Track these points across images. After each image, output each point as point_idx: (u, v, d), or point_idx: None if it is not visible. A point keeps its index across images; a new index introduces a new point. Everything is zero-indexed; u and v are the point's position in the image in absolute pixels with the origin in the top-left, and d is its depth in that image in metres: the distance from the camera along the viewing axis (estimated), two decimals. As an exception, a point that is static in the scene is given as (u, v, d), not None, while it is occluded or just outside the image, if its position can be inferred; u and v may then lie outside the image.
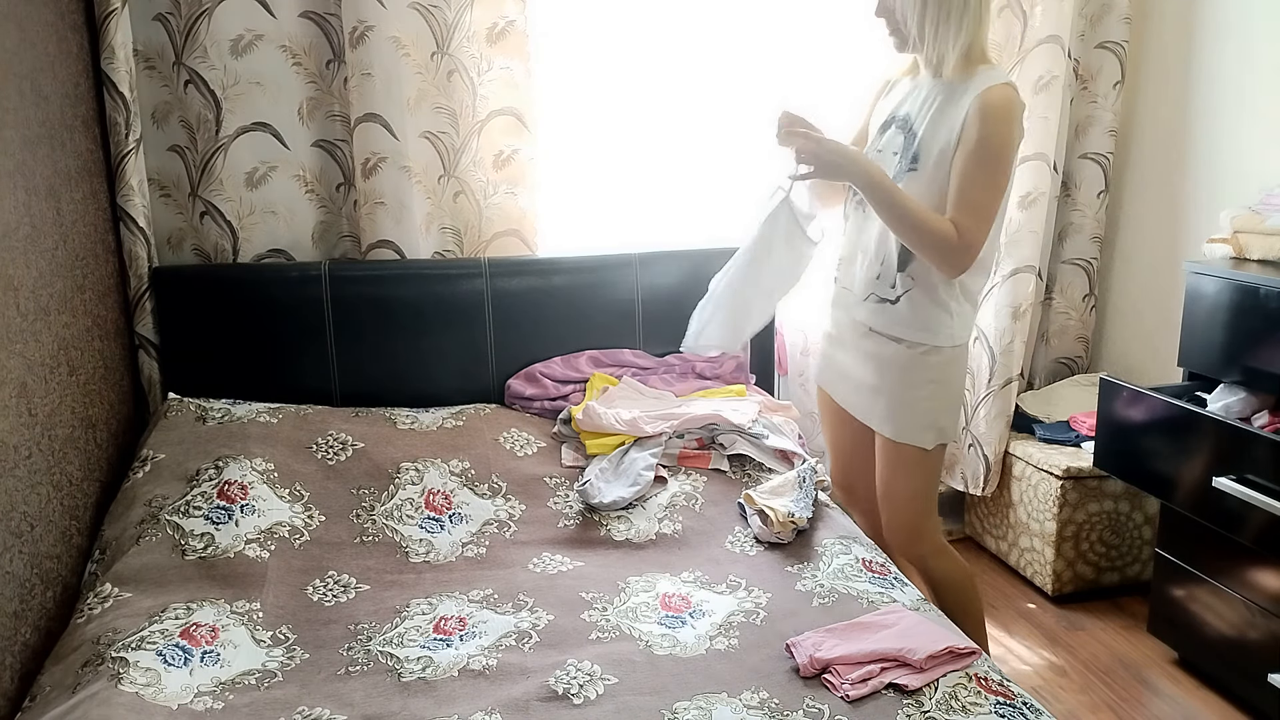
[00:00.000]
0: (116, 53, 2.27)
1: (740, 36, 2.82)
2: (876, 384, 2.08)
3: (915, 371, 2.02)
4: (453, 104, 2.56)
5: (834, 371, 2.22)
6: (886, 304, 2.03)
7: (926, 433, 2.05)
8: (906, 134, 1.98)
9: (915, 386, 2.03)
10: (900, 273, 1.99)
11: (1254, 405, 2.29)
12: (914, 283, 1.98)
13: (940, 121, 1.92)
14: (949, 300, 1.99)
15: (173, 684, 1.58)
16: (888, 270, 2.01)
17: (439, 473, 2.24)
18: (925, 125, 1.94)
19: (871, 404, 2.10)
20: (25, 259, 1.81)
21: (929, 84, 1.98)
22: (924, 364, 2.02)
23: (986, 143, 1.84)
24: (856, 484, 2.32)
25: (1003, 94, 1.86)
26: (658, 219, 2.87)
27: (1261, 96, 2.61)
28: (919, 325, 2.00)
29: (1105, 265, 3.16)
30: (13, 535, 1.67)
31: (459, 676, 1.64)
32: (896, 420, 2.06)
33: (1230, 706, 2.36)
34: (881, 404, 2.07)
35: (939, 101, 1.93)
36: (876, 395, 2.08)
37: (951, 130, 1.89)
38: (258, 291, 2.47)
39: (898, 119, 2.02)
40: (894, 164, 1.98)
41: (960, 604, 2.16)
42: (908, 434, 2.05)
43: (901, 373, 2.04)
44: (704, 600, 1.88)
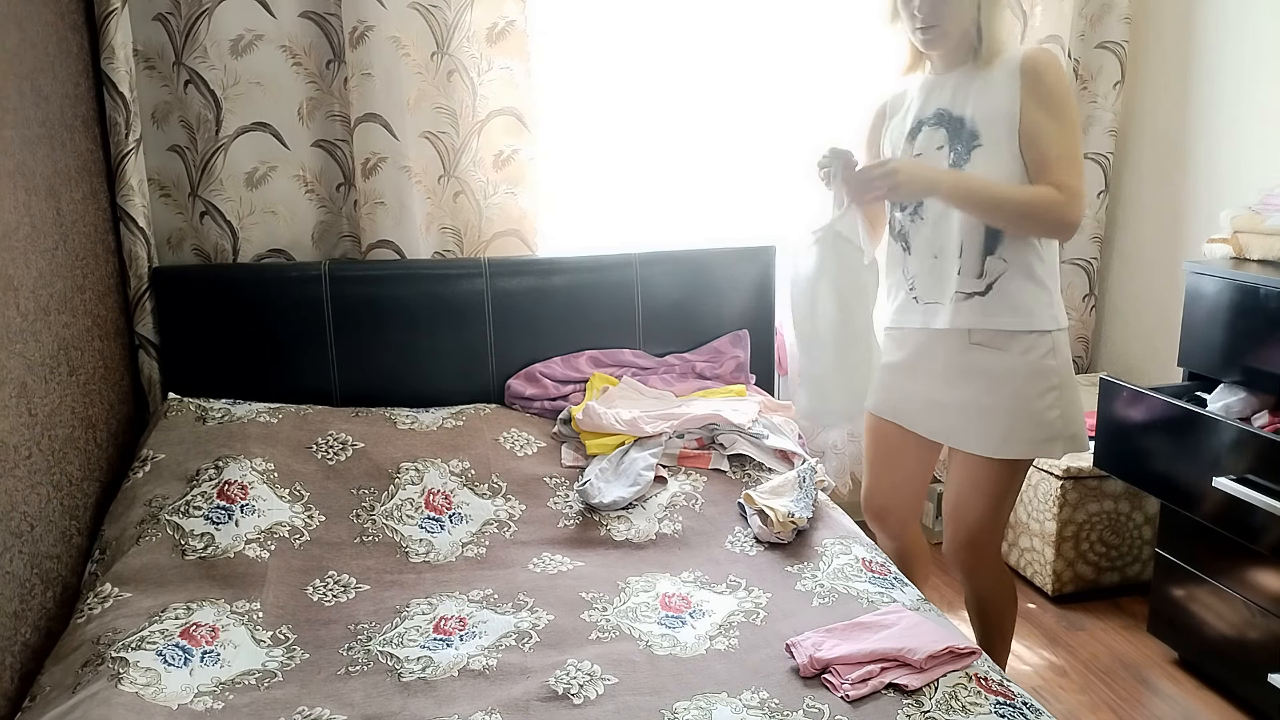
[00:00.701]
0: (116, 53, 2.27)
1: (740, 36, 2.82)
2: (986, 402, 1.94)
3: (1037, 379, 1.91)
4: (453, 104, 2.56)
5: (906, 400, 2.07)
6: (976, 297, 1.91)
7: (1055, 443, 1.93)
8: (948, 124, 1.92)
9: (1038, 396, 1.91)
10: (990, 256, 1.89)
11: (1254, 405, 2.29)
12: (1006, 264, 1.89)
13: (990, 96, 1.87)
14: (1045, 277, 1.91)
15: (173, 684, 1.58)
16: (970, 261, 1.91)
17: (439, 473, 2.24)
18: (972, 106, 1.88)
19: (969, 425, 1.97)
20: (25, 259, 1.81)
21: (951, 77, 1.94)
22: (1044, 369, 1.90)
23: (1050, 96, 1.83)
24: (894, 510, 2.22)
25: (1047, 55, 1.87)
26: (658, 219, 2.87)
27: (1261, 96, 2.61)
28: (1019, 309, 1.89)
29: (1105, 265, 3.16)
30: (13, 535, 1.67)
31: (459, 676, 1.64)
32: (1013, 437, 1.93)
33: (1230, 706, 2.36)
34: (988, 422, 1.94)
35: (978, 83, 1.89)
36: (984, 414, 1.95)
37: (1011, 97, 1.84)
38: (258, 291, 2.47)
39: (927, 119, 1.96)
40: (944, 157, 1.92)
41: (998, 623, 2.15)
42: (1031, 448, 1.93)
43: (1023, 383, 1.91)
44: (704, 600, 1.88)
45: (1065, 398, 1.93)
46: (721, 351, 2.69)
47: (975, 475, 2.00)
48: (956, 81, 1.93)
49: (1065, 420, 1.93)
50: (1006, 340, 1.92)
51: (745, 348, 2.71)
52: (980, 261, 1.90)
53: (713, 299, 2.72)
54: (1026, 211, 1.83)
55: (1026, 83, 1.84)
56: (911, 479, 2.18)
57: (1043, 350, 1.91)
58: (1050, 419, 1.92)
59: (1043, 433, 1.92)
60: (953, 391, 1.99)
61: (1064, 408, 1.92)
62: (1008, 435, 1.94)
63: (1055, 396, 1.91)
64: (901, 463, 2.16)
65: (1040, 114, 1.83)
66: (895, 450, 2.15)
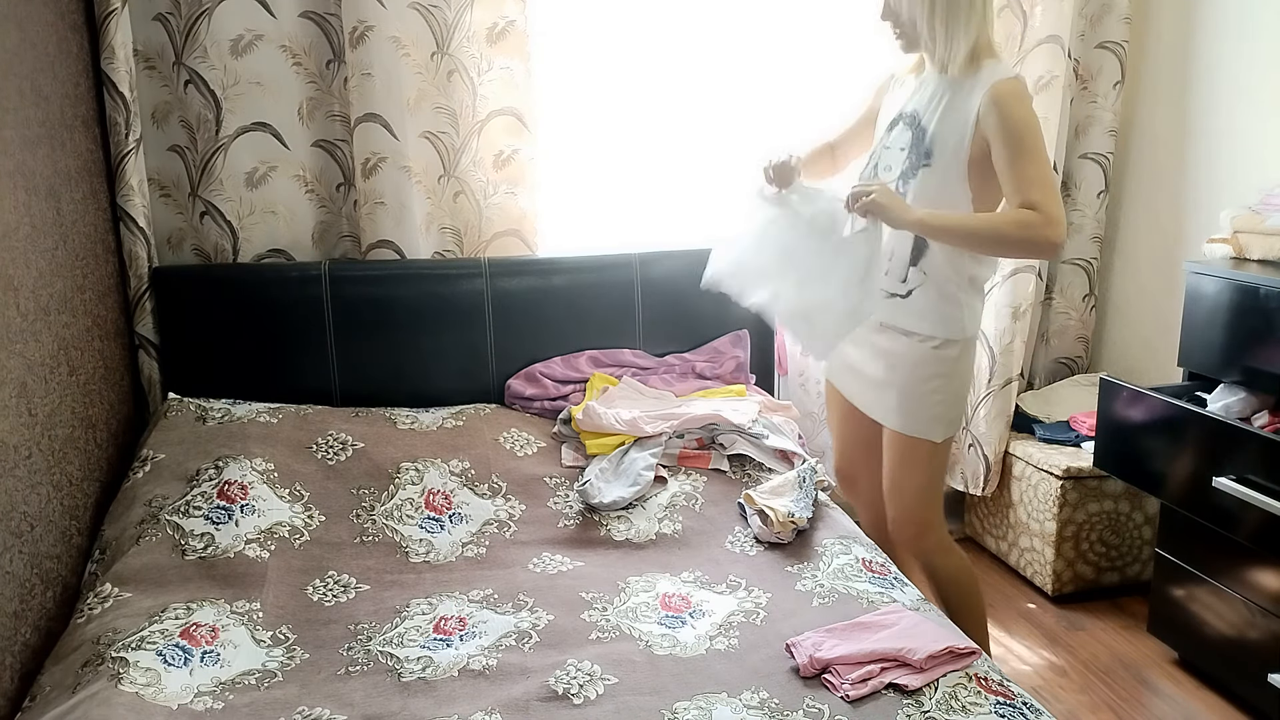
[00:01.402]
0: (116, 53, 2.27)
1: (740, 36, 2.82)
2: (886, 379, 2.10)
3: (924, 366, 2.05)
4: (453, 104, 2.56)
5: (843, 367, 2.24)
6: (897, 298, 2.05)
7: (935, 425, 2.07)
8: (915, 130, 2.00)
9: (924, 380, 2.06)
10: (912, 267, 2.03)
11: (1254, 405, 2.29)
12: (925, 277, 2.02)
13: (951, 117, 1.94)
14: (958, 293, 2.02)
15: (173, 684, 1.59)
16: (898, 265, 2.04)
17: (439, 473, 2.24)
18: (935, 121, 1.96)
19: (880, 398, 2.13)
20: (25, 259, 1.81)
21: (935, 80, 2.00)
22: (934, 358, 2.04)
23: (1013, 127, 1.88)
24: (859, 477, 2.35)
25: (1011, 85, 1.91)
26: (658, 219, 2.87)
27: (1261, 96, 2.61)
28: (929, 319, 2.03)
29: (1105, 265, 3.15)
30: (13, 535, 1.67)
31: (459, 676, 1.64)
32: (906, 414, 2.08)
33: (1230, 706, 2.36)
34: (891, 398, 2.10)
35: (947, 98, 1.95)
36: (886, 390, 2.11)
37: (965, 124, 1.92)
38: (258, 291, 2.47)
39: (905, 116, 2.04)
40: (902, 160, 2.02)
41: (963, 602, 2.17)
42: (916, 427, 2.08)
43: (912, 367, 2.06)
44: (704, 600, 1.88)
45: (950, 386, 2.07)
46: (721, 351, 2.69)
47: (896, 450, 2.13)
48: (934, 89, 2.00)
49: (945, 406, 2.07)
50: (908, 331, 2.06)
51: (745, 348, 2.71)
52: (904, 269, 2.04)
53: (713, 299, 2.68)
54: (1002, 234, 1.91)
55: (986, 111, 1.89)
56: (869, 443, 2.25)
57: (938, 342, 2.04)
58: (932, 402, 2.06)
59: (926, 412, 2.07)
60: (869, 367, 2.15)
61: (946, 395, 2.07)
62: (904, 412, 2.09)
63: (941, 384, 2.06)
64: (855, 428, 2.27)
65: (1005, 145, 1.88)
66: (847, 415, 2.29)
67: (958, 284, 2.02)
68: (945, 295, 2.02)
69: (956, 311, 2.03)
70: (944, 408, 2.08)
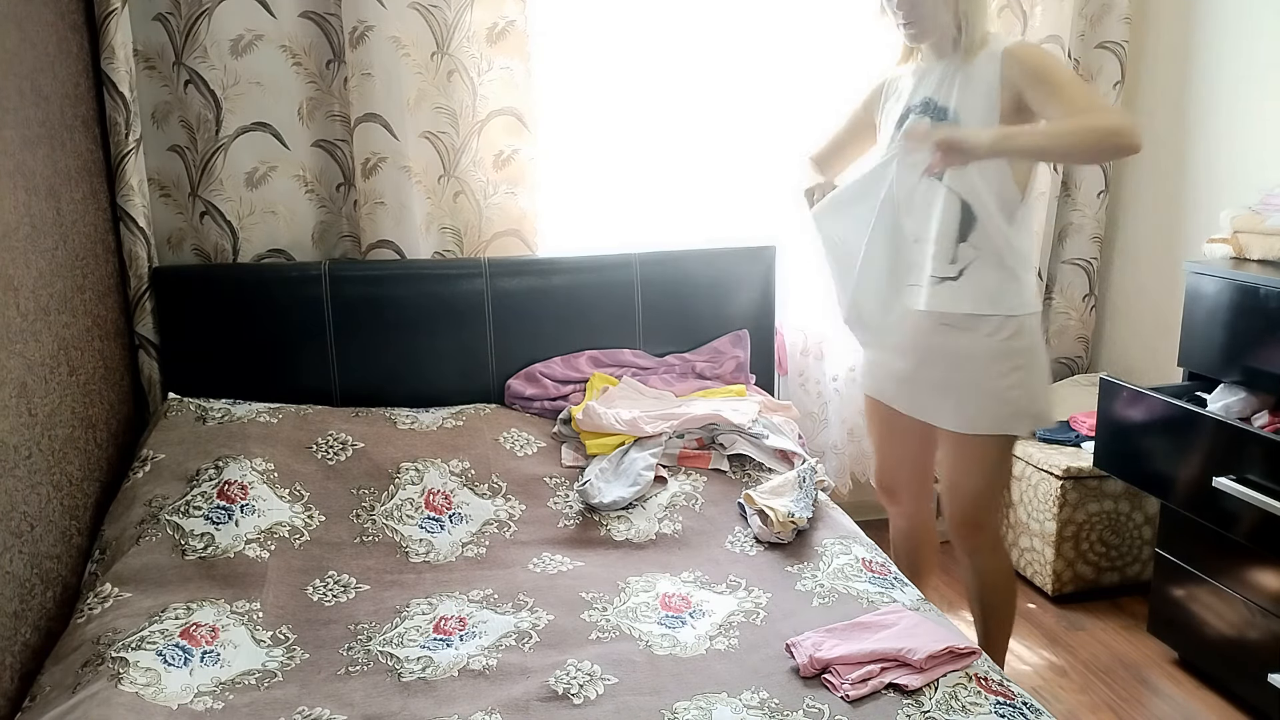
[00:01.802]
0: (116, 53, 2.27)
1: (740, 36, 2.82)
2: (953, 380, 2.01)
3: (997, 361, 1.96)
4: (453, 104, 2.56)
5: (888, 378, 2.15)
6: (949, 282, 1.96)
7: (1020, 420, 2.00)
8: (932, 113, 1.96)
9: (1000, 376, 1.97)
10: (961, 243, 1.94)
11: (1254, 405, 2.29)
12: (976, 252, 1.94)
13: (971, 88, 1.92)
14: (1015, 265, 1.95)
15: (173, 684, 1.58)
16: (944, 247, 1.96)
17: (439, 473, 2.24)
18: (955, 98, 1.93)
19: (942, 403, 2.04)
20: (25, 259, 1.81)
21: (941, 65, 1.98)
22: (1005, 350, 1.96)
23: (1040, 69, 1.85)
24: (901, 488, 2.28)
25: (1023, 43, 1.92)
26: (658, 219, 2.87)
27: (1261, 96, 2.61)
28: (987, 296, 1.95)
29: (1105, 265, 3.15)
30: (13, 535, 1.67)
31: (459, 676, 1.64)
32: (979, 415, 2.00)
33: (1230, 706, 2.36)
34: (961, 400, 2.01)
35: (961, 74, 1.93)
36: (952, 392, 2.01)
37: (990, 88, 1.89)
38: (258, 291, 2.47)
39: (915, 107, 2.00)
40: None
41: (997, 606, 2.18)
42: (997, 425, 2.00)
43: (985, 363, 1.97)
44: (704, 600, 1.88)
45: (1028, 378, 1.99)
46: (721, 351, 2.69)
47: (960, 451, 2.07)
48: (943, 72, 1.97)
49: (1029, 399, 2.00)
50: (974, 322, 1.97)
51: (745, 348, 2.71)
52: (953, 247, 1.96)
53: (713, 299, 2.72)
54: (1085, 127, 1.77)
55: (1009, 75, 1.87)
56: (915, 455, 2.22)
57: (1008, 333, 1.96)
58: (1012, 397, 1.99)
59: (1006, 409, 2.00)
60: (926, 370, 2.06)
61: (1026, 387, 1.99)
62: (976, 413, 2.01)
63: (1019, 377, 1.98)
64: (902, 439, 2.22)
65: (1035, 90, 1.85)
66: (893, 427, 2.22)
67: (1013, 257, 1.94)
68: (1002, 269, 1.94)
69: (1015, 285, 1.95)
70: (1028, 400, 1.99)
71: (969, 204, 1.93)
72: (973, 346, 1.98)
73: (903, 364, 2.09)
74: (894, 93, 2.09)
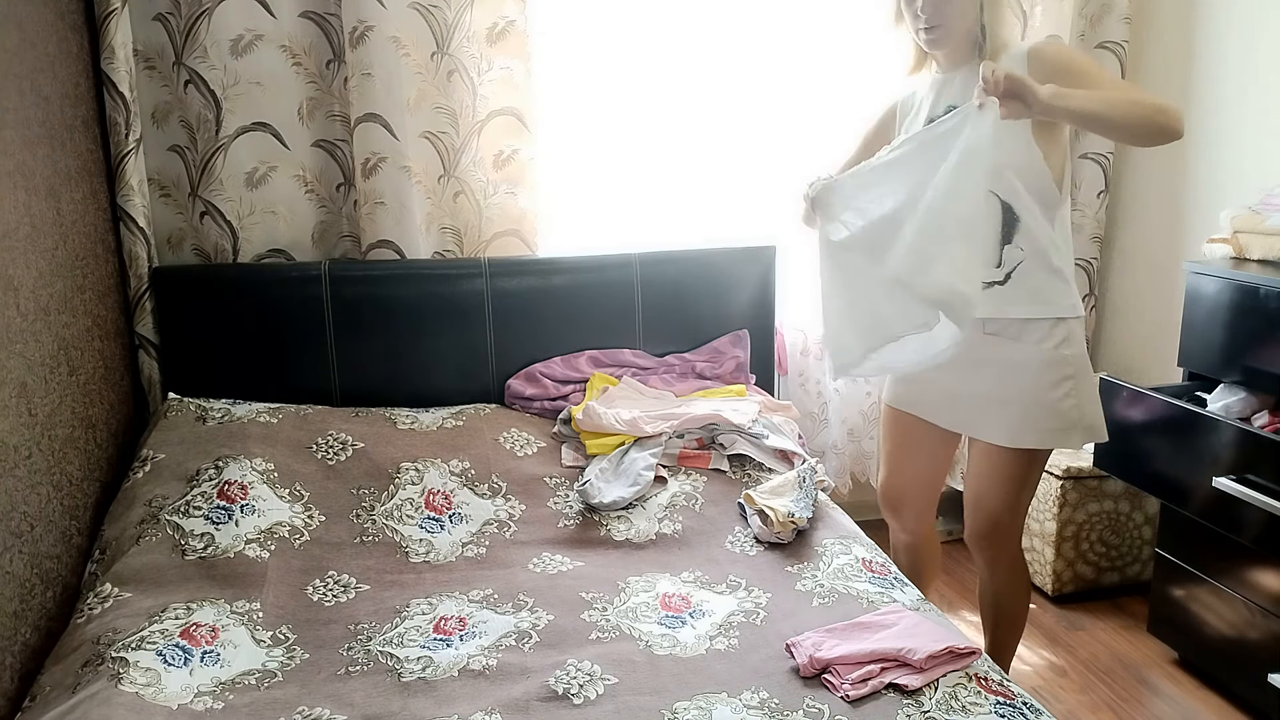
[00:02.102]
0: (116, 53, 2.27)
1: (740, 36, 2.82)
2: (1000, 393, 1.95)
3: (1051, 370, 1.91)
4: (453, 104, 2.56)
5: (922, 392, 2.09)
6: (995, 287, 1.90)
7: (1072, 433, 1.93)
8: None
9: (1053, 386, 1.91)
10: (1006, 245, 1.89)
11: (1254, 405, 2.29)
12: (1023, 253, 1.89)
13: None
14: (1062, 266, 1.91)
15: (173, 684, 1.58)
16: (988, 250, 1.89)
17: (439, 473, 2.24)
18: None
19: (987, 416, 1.98)
20: (25, 259, 1.81)
21: (960, 73, 1.94)
22: (1058, 360, 1.90)
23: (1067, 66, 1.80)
24: (908, 505, 2.24)
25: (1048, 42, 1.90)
26: (658, 219, 2.87)
27: (1261, 96, 2.61)
28: (1037, 298, 1.90)
29: (1105, 265, 3.15)
30: (13, 535, 1.67)
31: (459, 676, 1.64)
32: (1032, 426, 1.93)
33: (1230, 706, 2.36)
34: (1005, 412, 1.95)
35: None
36: (1000, 405, 1.95)
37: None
38: (258, 291, 2.47)
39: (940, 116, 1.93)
40: None
41: (1011, 617, 2.16)
42: (1047, 438, 1.94)
43: (1036, 373, 1.91)
44: (704, 600, 1.88)
45: (1080, 387, 1.93)
46: (721, 351, 2.69)
47: (994, 464, 2.01)
48: (965, 78, 1.93)
49: (1081, 410, 1.93)
50: (1020, 329, 1.92)
51: (745, 348, 2.71)
52: (997, 250, 1.90)
53: (713, 299, 2.72)
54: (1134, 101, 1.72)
55: (1036, 73, 1.79)
56: (929, 471, 2.19)
57: (1057, 339, 1.91)
58: (1065, 409, 1.92)
59: (1058, 422, 1.93)
60: (969, 382, 1.99)
61: (1079, 397, 1.92)
62: (1024, 425, 1.94)
63: (1070, 386, 1.92)
64: (919, 454, 2.17)
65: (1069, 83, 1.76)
66: (913, 441, 2.16)
67: (1059, 256, 1.89)
68: (1049, 268, 1.88)
69: (1062, 284, 1.90)
70: (1080, 411, 1.92)
71: (1010, 205, 1.87)
72: (1023, 356, 1.92)
73: (942, 376, 2.00)
74: (911, 108, 2.05)
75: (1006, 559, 2.12)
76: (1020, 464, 1.99)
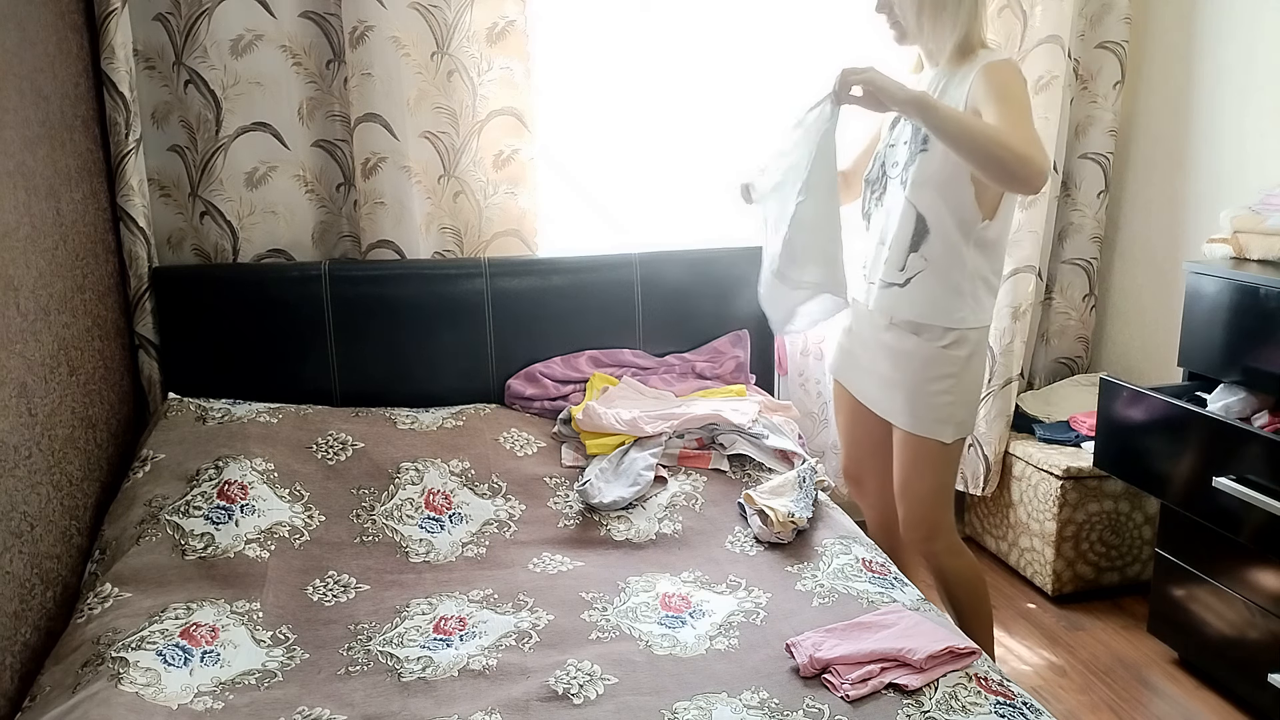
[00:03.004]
0: (116, 53, 2.27)
1: (740, 36, 2.82)
2: (894, 377, 2.08)
3: (933, 365, 2.02)
4: (453, 104, 2.56)
5: (851, 365, 2.22)
6: (895, 288, 2.03)
7: (944, 427, 2.04)
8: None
9: (933, 380, 2.03)
10: (912, 253, 1.99)
11: (1254, 405, 2.29)
12: (926, 263, 1.98)
13: (948, 99, 1.93)
14: (961, 282, 1.98)
15: (173, 684, 1.59)
16: (896, 251, 2.01)
17: (439, 473, 2.24)
18: None
19: (889, 397, 2.11)
20: (25, 259, 1.81)
21: (932, 75, 2.01)
22: (942, 357, 2.01)
23: (997, 87, 1.84)
24: (867, 477, 2.33)
25: (1001, 62, 1.90)
26: (658, 219, 2.87)
27: (1262, 96, 2.61)
28: (929, 307, 2.00)
29: (1105, 265, 3.15)
30: (13, 535, 1.67)
31: (459, 676, 1.64)
32: (915, 414, 2.06)
33: (1230, 706, 2.36)
34: (899, 397, 2.07)
35: (943, 84, 1.97)
36: (894, 389, 2.08)
37: (957, 102, 1.90)
38: (258, 291, 2.47)
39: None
40: (905, 151, 2.01)
41: (970, 603, 2.17)
42: (926, 428, 2.05)
43: (921, 366, 2.03)
44: (704, 600, 1.88)
45: (958, 386, 2.03)
46: (721, 351, 2.69)
47: (906, 450, 2.11)
48: (931, 82, 2.00)
49: (954, 409, 2.04)
50: (916, 327, 2.03)
51: (745, 348, 2.71)
52: (904, 256, 2.01)
53: (713, 299, 2.72)
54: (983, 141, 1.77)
55: (976, 86, 1.88)
56: (878, 443, 2.23)
57: (948, 340, 2.01)
58: (940, 404, 2.03)
59: (935, 414, 2.04)
60: (877, 365, 2.12)
61: (956, 395, 2.03)
62: (912, 413, 2.06)
63: (950, 384, 2.02)
64: (864, 427, 2.25)
65: (985, 103, 1.85)
66: (856, 415, 2.26)
67: (962, 274, 1.97)
68: (948, 284, 1.98)
69: (958, 301, 1.99)
70: (953, 409, 2.04)
71: (924, 217, 1.97)
72: (915, 348, 2.03)
73: (863, 356, 2.16)
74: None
75: (944, 551, 2.15)
76: (929, 450, 2.07)
